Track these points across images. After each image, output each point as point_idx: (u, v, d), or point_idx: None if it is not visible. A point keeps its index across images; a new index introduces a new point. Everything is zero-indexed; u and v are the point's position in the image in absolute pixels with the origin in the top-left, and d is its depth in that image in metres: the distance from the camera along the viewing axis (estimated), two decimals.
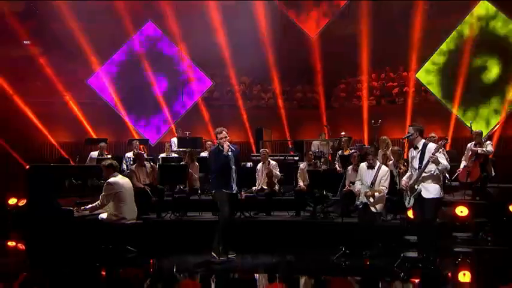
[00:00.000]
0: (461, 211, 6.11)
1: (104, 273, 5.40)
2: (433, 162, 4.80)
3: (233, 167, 5.50)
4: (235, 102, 11.23)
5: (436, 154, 4.76)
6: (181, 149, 8.97)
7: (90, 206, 5.50)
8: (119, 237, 5.52)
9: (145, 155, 7.90)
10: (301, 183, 7.11)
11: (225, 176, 5.47)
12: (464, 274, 5.30)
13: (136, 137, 10.25)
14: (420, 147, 5.06)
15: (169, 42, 11.05)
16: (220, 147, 5.38)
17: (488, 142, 7.14)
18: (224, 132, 5.50)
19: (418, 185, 5.08)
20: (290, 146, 10.25)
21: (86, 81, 10.69)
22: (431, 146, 5.07)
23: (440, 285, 4.87)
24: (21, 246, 6.89)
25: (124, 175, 6.30)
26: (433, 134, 6.78)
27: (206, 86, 10.99)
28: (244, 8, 10.53)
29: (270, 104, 11.51)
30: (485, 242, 6.02)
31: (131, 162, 8.24)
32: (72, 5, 9.96)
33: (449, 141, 7.58)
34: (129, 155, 8.62)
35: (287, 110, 11.01)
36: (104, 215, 5.47)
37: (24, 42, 10.26)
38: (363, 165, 6.07)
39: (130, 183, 5.76)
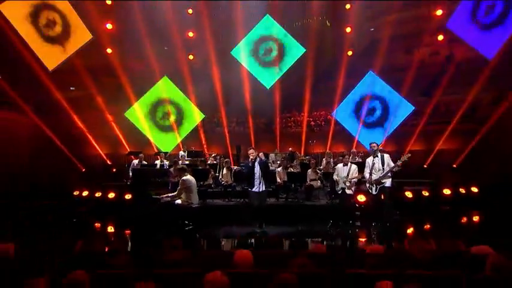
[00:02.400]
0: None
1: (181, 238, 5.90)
2: (397, 169, 6.84)
3: (256, 173, 7.10)
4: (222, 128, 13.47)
5: (396, 166, 6.82)
6: (190, 158, 10.98)
7: (171, 195, 7.11)
8: (188, 216, 7.04)
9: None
10: (279, 180, 8.80)
11: (250, 179, 7.16)
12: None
13: (155, 149, 12.12)
14: (379, 156, 7.09)
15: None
16: (251, 158, 7.09)
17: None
18: (251, 150, 7.23)
19: (383, 180, 7.00)
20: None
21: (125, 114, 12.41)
22: (387, 155, 7.11)
23: (392, 235, 6.73)
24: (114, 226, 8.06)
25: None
26: (374, 145, 7.59)
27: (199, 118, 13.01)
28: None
29: (242, 130, 13.92)
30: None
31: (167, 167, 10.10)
32: None
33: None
34: (157, 162, 10.44)
35: (254, 134, 13.23)
36: (179, 201, 6.98)
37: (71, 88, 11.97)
38: (340, 165, 7.95)
39: (194, 180, 7.28)
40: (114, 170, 11.61)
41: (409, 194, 8.74)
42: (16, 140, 10.76)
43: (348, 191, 7.53)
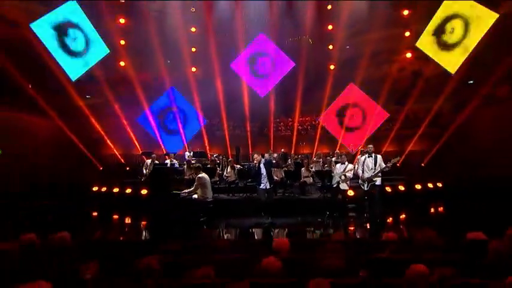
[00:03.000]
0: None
1: (204, 226, 6.91)
2: (387, 170, 6.92)
3: (263, 173, 7.38)
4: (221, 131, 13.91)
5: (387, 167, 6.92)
6: (196, 158, 10.95)
7: (188, 190, 7.21)
8: (204, 209, 7.16)
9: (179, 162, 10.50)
10: (276, 177, 8.77)
11: (257, 178, 7.49)
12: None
13: (163, 150, 12.19)
14: (373, 156, 7.16)
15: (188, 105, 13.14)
16: (255, 162, 7.50)
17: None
18: (256, 155, 7.66)
19: (374, 178, 7.06)
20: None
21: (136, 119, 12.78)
22: (380, 156, 7.16)
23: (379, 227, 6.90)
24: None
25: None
26: (369, 147, 7.63)
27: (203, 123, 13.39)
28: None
29: (239, 133, 14.39)
30: None
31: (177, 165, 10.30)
32: None
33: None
34: (167, 161, 10.52)
35: (251, 136, 13.71)
36: (195, 196, 7.09)
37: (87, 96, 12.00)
38: (338, 164, 8.02)
39: (208, 177, 7.38)
40: (128, 168, 11.71)
41: (388, 189, 9.26)
42: (38, 141, 10.81)
43: (342, 186, 7.70)
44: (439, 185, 10.19)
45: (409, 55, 13.36)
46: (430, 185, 10.09)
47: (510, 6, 10.17)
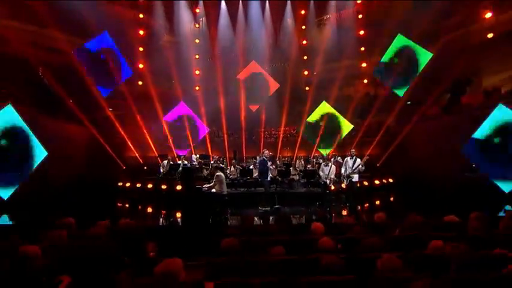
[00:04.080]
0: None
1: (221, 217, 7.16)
2: (362, 168, 7.56)
3: (269, 166, 7.99)
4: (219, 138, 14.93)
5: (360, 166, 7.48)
6: (202, 160, 11.65)
7: (208, 185, 7.39)
8: (220, 201, 7.31)
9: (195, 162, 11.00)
10: (270, 175, 9.02)
11: (264, 172, 8.00)
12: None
13: (175, 153, 12.49)
14: (354, 158, 7.72)
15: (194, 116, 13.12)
16: (264, 158, 8.01)
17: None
18: (266, 152, 8.15)
19: (352, 175, 7.62)
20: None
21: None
22: (358, 159, 7.69)
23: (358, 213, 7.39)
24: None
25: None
26: (352, 151, 8.04)
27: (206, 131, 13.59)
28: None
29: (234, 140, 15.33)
30: None
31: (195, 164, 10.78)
32: None
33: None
34: (179, 162, 11.00)
35: (246, 143, 14.73)
36: (214, 190, 7.24)
37: (110, 109, 12.34)
38: (323, 166, 8.41)
39: (224, 175, 7.60)
40: (145, 167, 12.31)
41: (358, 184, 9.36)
42: (75, 145, 11.30)
43: (354, 179, 7.86)
44: (391, 180, 10.95)
45: (365, 81, 14.69)
46: (384, 181, 10.79)
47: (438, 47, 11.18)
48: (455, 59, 11.34)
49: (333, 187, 8.58)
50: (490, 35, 10.85)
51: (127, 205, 9.54)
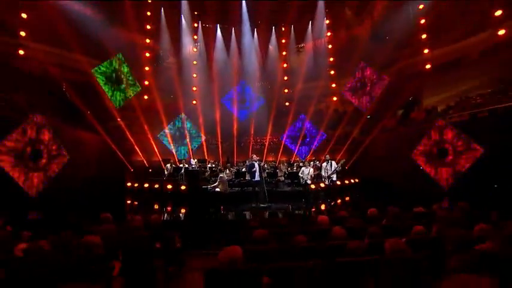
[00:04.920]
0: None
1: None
2: (339, 169, 8.38)
3: (256, 169, 8.22)
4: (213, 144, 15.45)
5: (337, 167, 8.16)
6: (200, 164, 12.22)
7: (213, 185, 8.16)
8: (223, 198, 8.00)
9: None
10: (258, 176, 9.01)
11: (252, 174, 8.34)
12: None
13: (176, 158, 13.32)
14: (329, 162, 8.49)
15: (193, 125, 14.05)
16: (253, 162, 8.37)
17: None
18: (254, 156, 8.65)
19: (331, 176, 8.43)
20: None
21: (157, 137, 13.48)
22: (334, 162, 8.51)
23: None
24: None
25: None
26: (327, 156, 8.80)
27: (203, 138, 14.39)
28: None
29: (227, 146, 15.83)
30: None
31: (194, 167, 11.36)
32: None
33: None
34: (181, 165, 11.36)
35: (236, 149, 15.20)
36: (218, 189, 8.06)
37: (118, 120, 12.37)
38: (303, 168, 8.90)
39: (226, 177, 8.39)
40: (150, 170, 12.60)
41: (338, 182, 9.96)
42: (90, 151, 11.26)
43: (334, 178, 8.49)
44: (357, 180, 11.45)
45: (335, 98, 15.93)
46: (352, 181, 11.27)
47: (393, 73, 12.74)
48: (406, 83, 12.97)
49: (313, 186, 9.11)
50: (428, 66, 12.52)
51: (135, 203, 9.86)
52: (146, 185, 10.78)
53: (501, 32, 10.63)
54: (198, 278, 3.65)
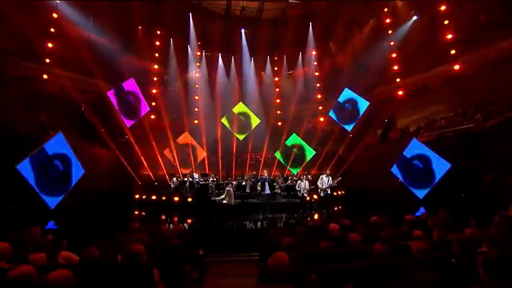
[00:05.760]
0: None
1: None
2: (335, 185, 8.75)
3: (266, 183, 8.72)
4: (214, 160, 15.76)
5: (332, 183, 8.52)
6: (203, 178, 12.32)
7: (220, 198, 8.35)
8: (230, 210, 8.17)
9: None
10: (259, 188, 9.96)
11: (262, 188, 8.90)
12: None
13: (180, 172, 13.00)
14: (329, 177, 8.86)
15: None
16: (263, 177, 8.94)
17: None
18: (265, 172, 9.07)
19: (327, 189, 8.77)
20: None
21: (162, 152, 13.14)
22: (330, 177, 8.77)
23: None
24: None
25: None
26: (328, 172, 8.92)
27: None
28: None
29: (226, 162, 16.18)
30: None
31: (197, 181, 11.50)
32: None
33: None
34: (186, 179, 11.75)
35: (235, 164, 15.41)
36: (225, 201, 8.22)
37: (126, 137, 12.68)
38: (300, 182, 9.24)
39: (232, 190, 8.43)
40: (156, 183, 12.81)
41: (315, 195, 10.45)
42: (104, 165, 11.73)
43: (306, 196, 8.96)
44: (343, 192, 11.91)
45: (322, 119, 16.96)
46: (339, 193, 11.70)
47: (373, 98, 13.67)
48: (384, 106, 14.19)
49: (308, 198, 9.55)
50: (400, 93, 13.82)
51: (143, 213, 9.96)
52: (154, 197, 11.21)
53: (456, 66, 12.08)
54: (218, 283, 4.07)
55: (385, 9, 15.50)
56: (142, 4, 12.82)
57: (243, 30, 17.03)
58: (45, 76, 10.39)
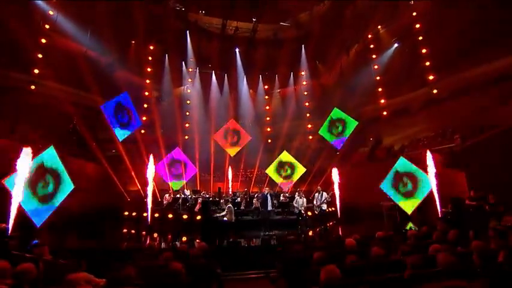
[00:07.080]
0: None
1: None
2: (328, 200, 8.58)
3: (268, 200, 8.54)
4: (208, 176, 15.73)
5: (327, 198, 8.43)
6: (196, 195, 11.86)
7: (220, 214, 8.03)
8: (230, 226, 7.85)
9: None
10: (256, 204, 9.81)
11: (264, 204, 8.70)
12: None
13: (171, 188, 12.72)
14: (321, 192, 8.69)
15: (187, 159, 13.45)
16: (264, 193, 8.87)
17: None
18: (267, 189, 9.15)
19: (321, 205, 8.63)
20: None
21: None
22: (325, 193, 8.69)
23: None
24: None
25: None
26: (319, 188, 8.89)
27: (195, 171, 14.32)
28: None
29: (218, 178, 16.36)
30: None
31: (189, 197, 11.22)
32: None
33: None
34: (178, 195, 11.34)
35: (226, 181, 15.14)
36: (225, 218, 7.89)
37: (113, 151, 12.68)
38: (297, 198, 8.96)
39: (233, 207, 8.20)
40: (146, 200, 11.93)
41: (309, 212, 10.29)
42: (91, 180, 11.34)
43: (323, 207, 8.85)
44: (334, 209, 10.71)
45: (310, 137, 17.49)
46: (331, 209, 10.86)
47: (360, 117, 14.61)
48: (371, 125, 14.97)
49: (304, 214, 9.56)
50: (384, 113, 14.77)
51: (132, 231, 9.63)
52: (145, 214, 10.28)
53: (435, 91, 13.24)
54: None
55: (369, 36, 16.83)
56: (142, 19, 12.97)
57: (237, 49, 17.54)
58: (32, 87, 10.07)
